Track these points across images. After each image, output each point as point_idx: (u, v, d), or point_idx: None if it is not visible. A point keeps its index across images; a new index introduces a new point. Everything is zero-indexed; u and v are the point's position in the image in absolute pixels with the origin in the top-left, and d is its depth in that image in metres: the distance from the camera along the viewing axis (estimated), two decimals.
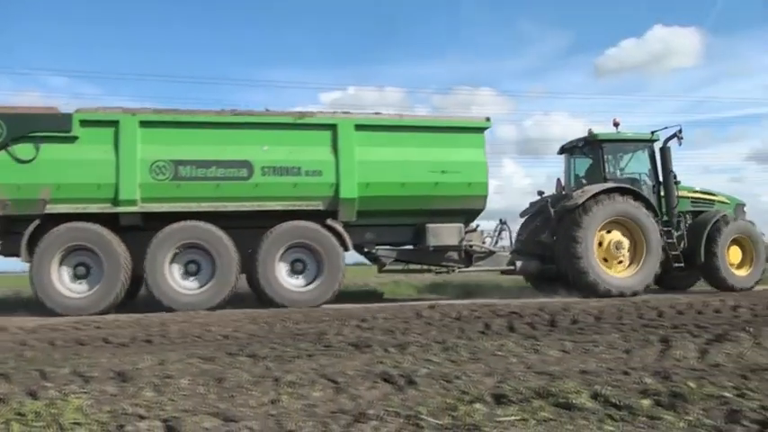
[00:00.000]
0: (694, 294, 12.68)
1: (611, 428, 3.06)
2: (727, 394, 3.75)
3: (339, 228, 12.18)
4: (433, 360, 5.24)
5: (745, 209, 15.91)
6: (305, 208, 12.06)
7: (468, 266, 13.43)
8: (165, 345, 6.61)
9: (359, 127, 12.39)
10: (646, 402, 3.51)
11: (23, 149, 11.11)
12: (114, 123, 11.47)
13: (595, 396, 3.66)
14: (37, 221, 11.14)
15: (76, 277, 11.42)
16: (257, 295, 12.16)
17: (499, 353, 5.54)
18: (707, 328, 6.96)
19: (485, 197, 13.03)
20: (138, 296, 13.16)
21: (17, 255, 11.33)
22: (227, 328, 7.93)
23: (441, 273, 13.84)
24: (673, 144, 14.70)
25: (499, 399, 3.69)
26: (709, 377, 4.27)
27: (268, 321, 8.64)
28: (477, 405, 3.56)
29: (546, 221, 14.22)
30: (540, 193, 15.41)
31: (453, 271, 13.55)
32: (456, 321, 8.34)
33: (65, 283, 11.32)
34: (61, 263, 11.32)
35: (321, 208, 12.11)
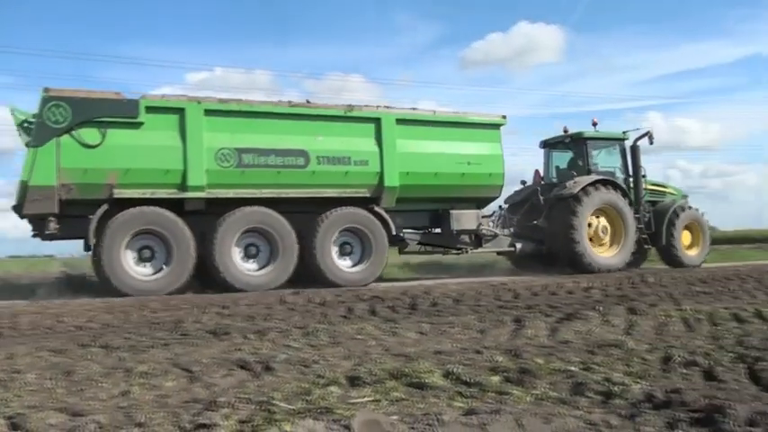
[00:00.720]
0: (553, 278, 13.24)
1: (460, 405, 3.11)
2: (573, 368, 3.90)
3: (384, 214, 13.19)
4: (293, 345, 5.18)
5: (687, 198, 18.16)
6: (354, 195, 12.93)
7: (477, 248, 14.82)
8: (15, 338, 6.21)
9: (399, 121, 13.39)
10: (495, 379, 3.60)
11: (89, 134, 11.06)
12: (180, 111, 11.68)
13: (447, 375, 3.73)
14: (105, 206, 11.15)
15: (141, 260, 11.50)
16: (313, 277, 12.55)
17: (359, 336, 5.55)
18: (559, 308, 7.25)
19: (501, 186, 14.63)
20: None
21: (77, 237, 11.68)
22: (80, 318, 7.54)
23: (456, 254, 15.18)
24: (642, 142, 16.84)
25: (354, 381, 3.69)
26: (558, 353, 4.44)
27: (124, 310, 8.28)
28: (332, 388, 3.54)
29: (534, 208, 15.87)
30: (523, 182, 17.30)
31: (466, 252, 14.83)
32: (320, 307, 8.31)
33: (131, 266, 11.35)
34: (126, 246, 11.33)
35: (367, 195, 13.06)
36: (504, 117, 14.65)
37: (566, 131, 16.93)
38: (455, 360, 4.20)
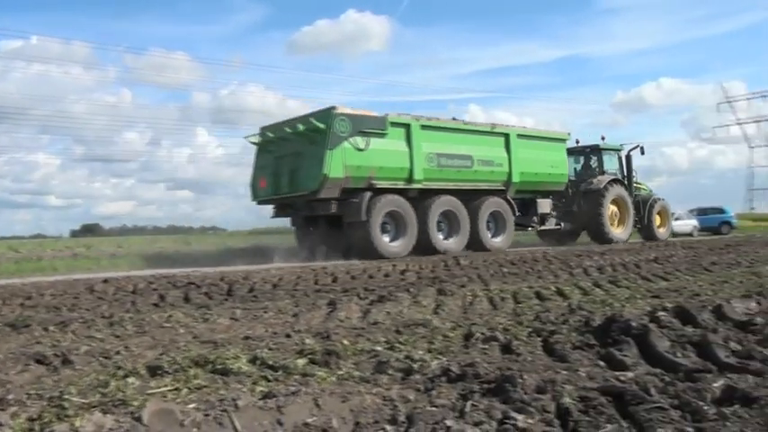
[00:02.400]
0: (373, 262, 13.49)
1: (263, 389, 3.06)
2: (378, 348, 3.97)
3: (512, 201, 18.71)
4: (96, 336, 4.93)
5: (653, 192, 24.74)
6: (495, 188, 18.34)
7: (541, 226, 20.40)
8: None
9: (519, 136, 19.02)
10: (301, 362, 3.59)
11: (360, 141, 15.46)
12: (407, 126, 16.49)
13: (254, 360, 3.67)
14: (370, 193, 15.53)
15: (383, 232, 15.80)
16: (476, 246, 17.32)
17: (167, 324, 5.37)
18: (374, 290, 7.40)
19: (566, 183, 20.73)
20: None
21: (350, 216, 15.39)
22: None
23: (531, 230, 20.77)
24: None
25: (155, 371, 3.55)
26: (367, 334, 4.51)
27: None
28: (131, 379, 3.37)
29: (568, 197, 21.44)
30: None
31: (535, 229, 20.48)
32: (130, 295, 8.00)
33: (382, 237, 15.73)
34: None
35: (502, 188, 18.45)
36: (568, 134, 21.12)
37: (578, 142, 22.82)
38: (263, 345, 4.16)
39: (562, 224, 20.83)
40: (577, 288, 7.38)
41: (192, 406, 2.70)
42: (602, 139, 22.79)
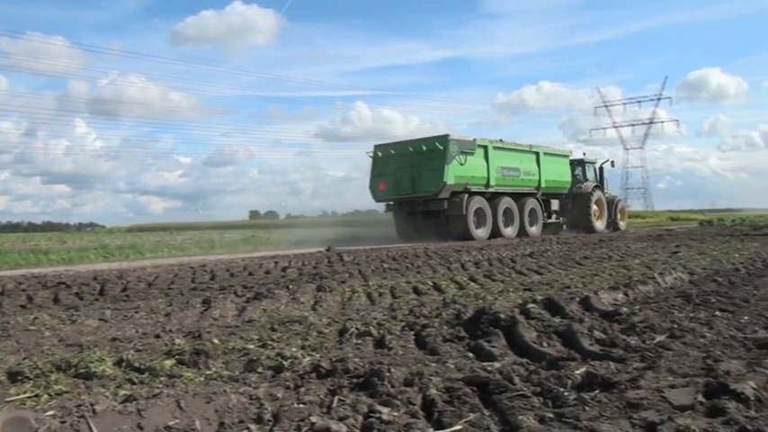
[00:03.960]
0: (255, 259, 13.30)
1: (126, 392, 2.95)
2: (250, 346, 3.91)
3: (541, 201, 24.82)
4: None
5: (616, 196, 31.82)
6: (531, 192, 24.39)
7: (549, 220, 25.58)
8: None
9: (545, 153, 25.27)
10: (169, 362, 3.49)
11: (461, 158, 21.16)
12: (485, 147, 22.51)
13: (120, 362, 3.54)
14: (467, 195, 21.15)
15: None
16: (520, 234, 22.85)
17: (32, 327, 5.10)
18: (252, 287, 7.28)
19: (569, 188, 26.60)
20: None
21: (454, 211, 20.99)
22: None
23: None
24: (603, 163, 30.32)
25: (15, 377, 3.36)
26: (240, 332, 4.44)
27: None
28: None
29: (563, 198, 26.93)
30: None
31: (545, 221, 25.49)
32: None
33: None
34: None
35: (534, 191, 24.49)
36: (570, 152, 28.25)
37: (581, 158, 28.95)
38: (131, 346, 4.02)
39: (561, 219, 26.59)
40: (454, 282, 7.53)
41: (49, 413, 2.57)
42: (584, 154, 29.69)
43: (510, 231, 22.63)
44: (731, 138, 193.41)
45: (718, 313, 4.73)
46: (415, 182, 21.27)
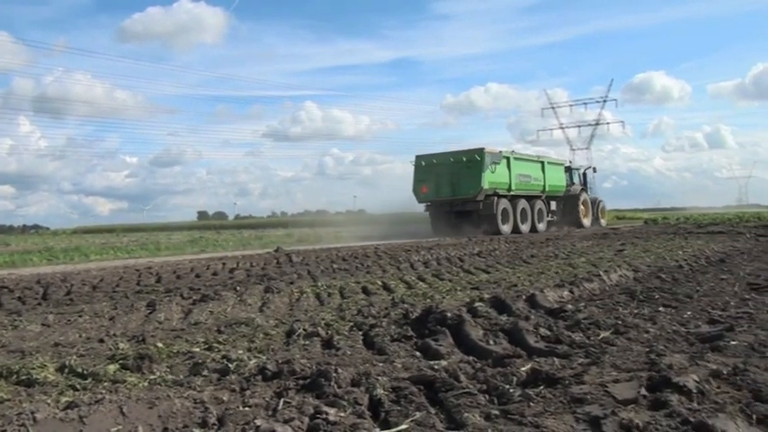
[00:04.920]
0: (202, 260, 13.14)
1: (68, 398, 2.89)
2: (195, 349, 3.87)
3: (546, 203, 28.61)
4: None
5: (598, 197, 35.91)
6: (538, 195, 27.93)
7: (548, 218, 29.46)
8: None
9: (548, 162, 29.10)
10: (112, 367, 3.43)
11: (492, 167, 24.72)
12: (507, 158, 26.05)
13: (62, 368, 3.47)
14: (496, 197, 24.88)
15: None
16: (531, 230, 26.63)
17: None
18: (199, 290, 7.20)
19: (564, 191, 30.53)
20: None
21: (486, 211, 24.60)
22: None
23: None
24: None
25: None
26: (186, 335, 4.38)
27: None
28: None
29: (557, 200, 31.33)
30: None
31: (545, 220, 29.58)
32: None
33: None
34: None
35: (540, 194, 28.05)
36: (567, 160, 34.82)
37: (571, 165, 34.50)
38: (74, 351, 3.94)
39: (556, 217, 30.21)
40: (402, 282, 7.56)
41: None
42: (570, 162, 34.59)
43: (525, 228, 26.44)
44: (675, 139, 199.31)
45: (661, 309, 4.84)
46: (454, 186, 25.07)
